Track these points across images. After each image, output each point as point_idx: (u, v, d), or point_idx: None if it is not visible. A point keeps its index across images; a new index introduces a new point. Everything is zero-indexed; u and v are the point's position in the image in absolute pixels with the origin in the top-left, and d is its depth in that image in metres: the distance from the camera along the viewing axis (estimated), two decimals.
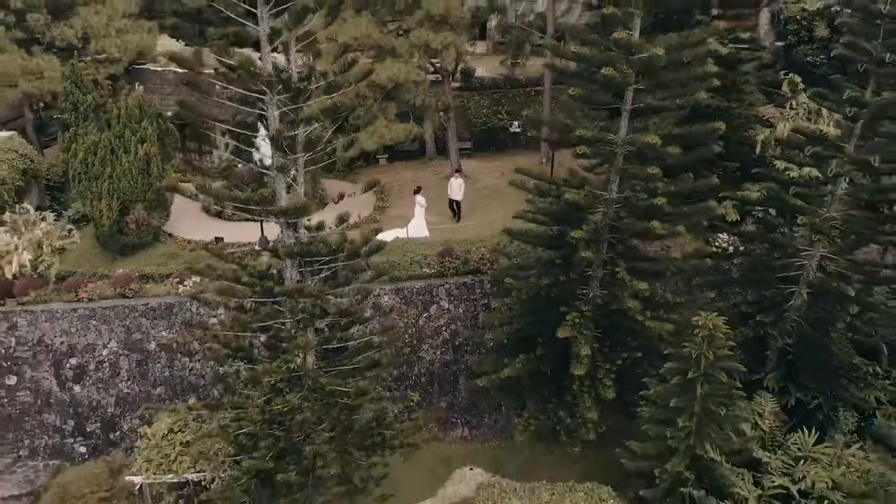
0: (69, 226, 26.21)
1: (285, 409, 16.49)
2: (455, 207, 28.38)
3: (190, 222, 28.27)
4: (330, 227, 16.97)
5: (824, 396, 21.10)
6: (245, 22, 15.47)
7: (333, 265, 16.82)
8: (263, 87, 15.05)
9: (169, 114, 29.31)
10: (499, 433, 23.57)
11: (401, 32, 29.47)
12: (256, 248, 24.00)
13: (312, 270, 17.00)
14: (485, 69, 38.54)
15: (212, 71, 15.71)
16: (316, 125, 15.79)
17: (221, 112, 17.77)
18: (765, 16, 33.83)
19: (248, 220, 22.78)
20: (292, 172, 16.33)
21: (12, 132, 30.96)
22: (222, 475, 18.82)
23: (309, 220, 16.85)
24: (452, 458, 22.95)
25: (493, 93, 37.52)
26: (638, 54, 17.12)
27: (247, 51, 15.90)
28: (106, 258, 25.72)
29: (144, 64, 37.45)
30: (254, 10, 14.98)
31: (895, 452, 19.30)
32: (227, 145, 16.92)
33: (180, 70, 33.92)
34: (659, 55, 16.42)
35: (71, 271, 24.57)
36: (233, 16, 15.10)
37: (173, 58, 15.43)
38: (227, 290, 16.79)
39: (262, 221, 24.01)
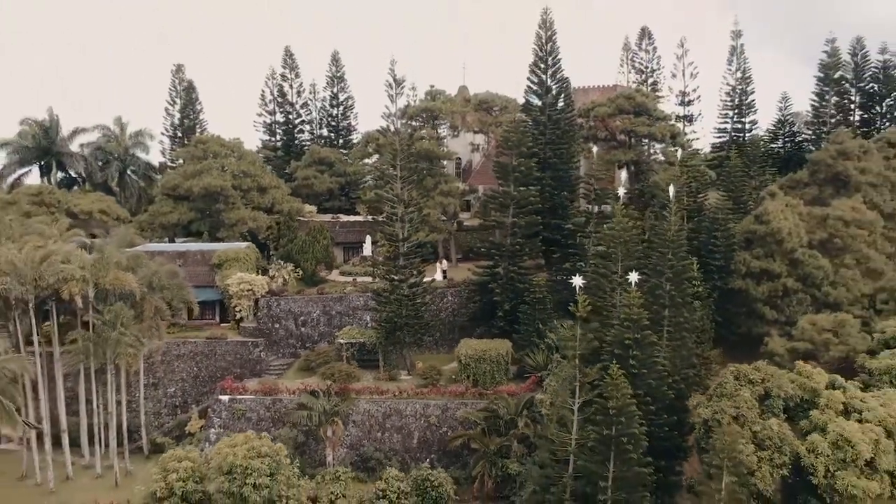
0: (298, 269, 62.05)
1: (397, 310, 51.53)
2: (444, 274, 63.73)
3: (337, 276, 64.10)
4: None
5: None
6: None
7: (416, 259, 52.71)
8: (398, 201, 51.74)
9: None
10: None
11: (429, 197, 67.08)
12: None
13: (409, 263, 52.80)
14: (470, 223, 75.89)
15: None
16: (413, 213, 52.50)
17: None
18: None
19: (361, 275, 58.93)
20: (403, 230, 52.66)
21: (249, 242, 67.65)
22: (369, 339, 53.31)
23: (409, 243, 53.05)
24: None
25: (473, 232, 74.33)
26: (511, 194, 54.20)
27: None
28: (305, 286, 61.22)
29: (298, 217, 75.05)
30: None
31: None
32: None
33: (331, 219, 72.47)
34: (515, 195, 53.50)
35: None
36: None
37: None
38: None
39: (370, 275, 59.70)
